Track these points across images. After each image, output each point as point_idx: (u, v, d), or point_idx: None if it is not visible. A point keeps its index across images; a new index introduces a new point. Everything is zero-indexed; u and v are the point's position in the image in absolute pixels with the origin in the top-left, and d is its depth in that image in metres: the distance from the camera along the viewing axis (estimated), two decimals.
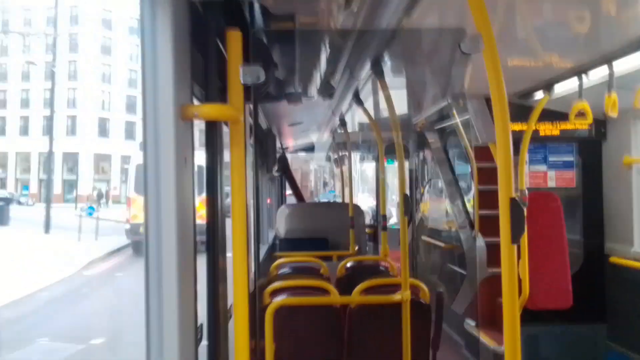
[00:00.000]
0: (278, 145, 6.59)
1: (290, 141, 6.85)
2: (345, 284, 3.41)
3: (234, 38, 1.30)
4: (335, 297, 2.88)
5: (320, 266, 3.97)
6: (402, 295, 2.81)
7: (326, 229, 5.09)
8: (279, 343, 2.49)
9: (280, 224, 5.16)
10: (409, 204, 2.76)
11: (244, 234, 1.30)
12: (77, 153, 43.52)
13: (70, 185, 43.50)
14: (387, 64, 2.85)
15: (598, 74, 2.88)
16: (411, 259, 6.46)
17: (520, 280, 3.51)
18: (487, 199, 4.40)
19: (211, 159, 1.38)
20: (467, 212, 4.78)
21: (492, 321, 4.12)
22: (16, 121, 45.70)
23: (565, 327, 4.28)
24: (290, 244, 4.84)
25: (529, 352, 4.19)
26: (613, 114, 2.50)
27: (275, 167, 5.86)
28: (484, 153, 4.19)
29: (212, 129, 1.37)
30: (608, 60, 2.70)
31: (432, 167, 5.88)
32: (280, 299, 2.66)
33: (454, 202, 5.03)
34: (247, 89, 1.35)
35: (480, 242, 4.40)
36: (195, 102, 1.33)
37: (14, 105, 45.53)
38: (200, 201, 1.27)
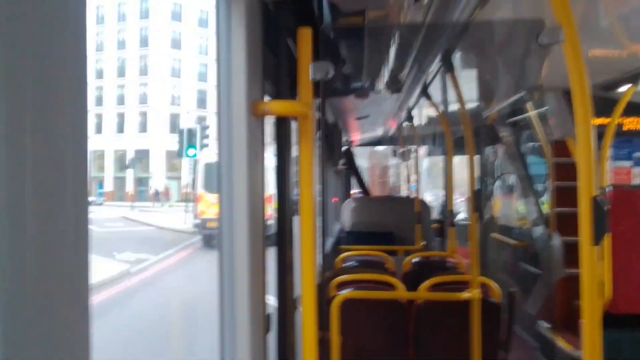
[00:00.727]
0: (344, 139, 6.60)
1: (356, 135, 6.83)
2: (412, 280, 3.38)
3: (304, 36, 1.32)
4: (401, 292, 2.86)
5: (386, 260, 3.94)
6: (472, 293, 2.74)
7: (392, 223, 5.04)
8: (344, 335, 2.52)
9: (346, 217, 5.17)
10: (479, 200, 2.69)
11: (312, 228, 1.33)
12: (148, 150, 42.79)
13: (144, 184, 42.47)
14: (458, 58, 2.78)
15: None
16: (481, 257, 6.27)
17: (602, 283, 3.33)
18: (564, 196, 4.18)
19: (281, 155, 1.42)
20: (540, 209, 4.57)
21: (569, 324, 3.92)
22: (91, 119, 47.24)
23: None
24: (356, 237, 4.84)
25: (610, 359, 3.94)
26: None
27: (341, 161, 5.87)
28: (561, 148, 3.99)
29: (282, 125, 1.41)
30: None
31: (504, 162, 5.67)
32: (346, 292, 2.69)
33: (526, 199, 4.83)
34: (315, 84, 1.37)
35: (556, 240, 4.20)
36: (266, 99, 1.37)
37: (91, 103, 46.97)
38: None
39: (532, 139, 4.83)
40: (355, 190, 7.48)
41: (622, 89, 3.26)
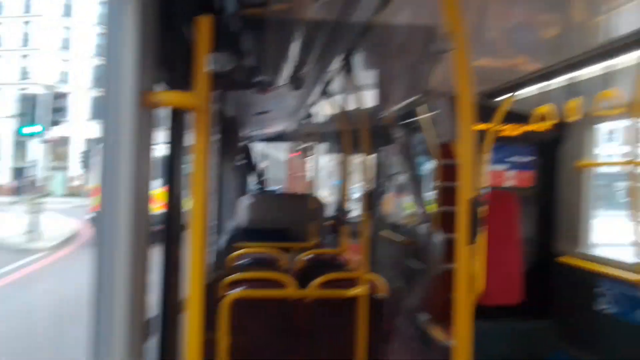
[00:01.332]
0: (244, 134, 6.49)
1: (256, 130, 6.76)
2: (304, 277, 3.40)
3: (203, 25, 1.25)
4: (292, 290, 2.86)
5: (280, 258, 3.94)
6: (359, 290, 2.82)
7: (288, 220, 5.05)
8: (235, 337, 2.46)
9: (242, 213, 5.08)
10: (371, 198, 2.77)
11: (202, 225, 1.26)
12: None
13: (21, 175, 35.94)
14: (359, 58, 2.83)
15: (562, 79, 2.96)
16: (371, 253, 6.53)
17: (474, 277, 3.61)
18: (449, 195, 4.48)
19: (173, 148, 1.33)
20: (426, 207, 4.86)
21: (445, 316, 4.22)
22: None
23: (514, 323, 4.43)
24: (252, 234, 4.78)
25: (479, 347, 4.31)
26: (573, 118, 2.57)
27: (240, 156, 5.76)
28: (447, 151, 4.26)
29: (177, 118, 1.32)
30: (572, 66, 2.77)
31: (397, 162, 5.94)
32: (235, 292, 2.62)
33: (414, 198, 5.10)
34: (214, 76, 1.30)
35: (438, 237, 4.48)
36: (162, 89, 1.28)
37: None
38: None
39: (423, 141, 5.11)
40: (277, 187, 7.40)
41: (502, 97, 3.56)
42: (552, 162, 4.49)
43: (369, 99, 4.61)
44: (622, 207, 3.66)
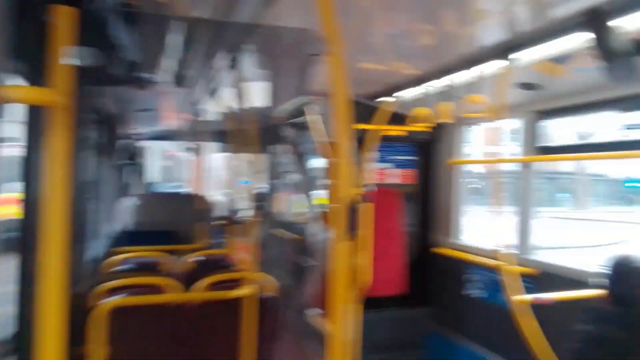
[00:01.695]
0: (127, 132, 6.11)
1: (142, 128, 6.39)
2: (190, 280, 3.29)
3: (63, 14, 1.14)
4: (175, 295, 2.75)
5: (164, 262, 3.77)
6: (247, 290, 2.80)
7: (174, 222, 4.85)
8: (114, 348, 2.30)
9: (123, 216, 4.78)
10: (261, 197, 2.75)
11: (61, 229, 1.15)
12: None
13: None
14: (246, 57, 2.80)
15: (438, 83, 3.18)
16: (263, 252, 6.51)
17: (361, 270, 3.77)
18: (336, 193, 4.60)
19: (31, 148, 1.20)
20: (316, 205, 4.96)
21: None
22: None
23: (398, 312, 4.70)
24: (134, 237, 4.51)
25: (367, 335, 4.51)
26: (446, 120, 2.77)
27: (125, 155, 5.41)
28: (335, 149, 4.37)
29: (35, 115, 1.19)
30: (445, 72, 2.98)
31: (288, 160, 5.98)
32: (110, 300, 2.45)
33: (305, 195, 5.19)
34: (83, 71, 1.19)
35: (327, 234, 4.60)
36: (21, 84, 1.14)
37: None
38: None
39: (313, 140, 5.20)
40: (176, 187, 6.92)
41: (384, 99, 3.74)
42: (429, 161, 4.82)
43: (259, 97, 4.58)
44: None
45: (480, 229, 4.61)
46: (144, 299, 2.65)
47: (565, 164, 24.74)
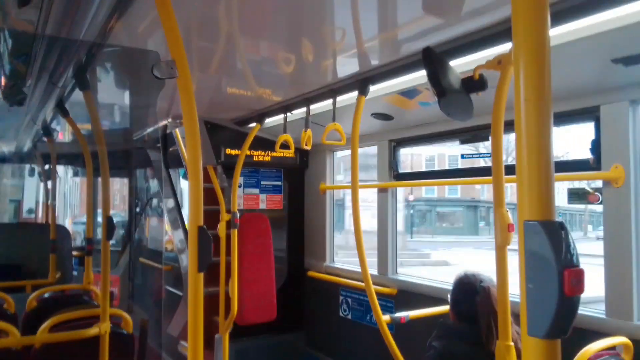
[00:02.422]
0: None
1: None
2: (37, 320, 2.95)
3: None
4: (12, 339, 2.44)
5: (4, 300, 3.34)
6: (100, 328, 2.58)
7: (20, 255, 4.34)
8: None
9: None
10: (112, 226, 2.57)
11: None
12: None
13: None
14: (96, 75, 2.63)
15: (301, 111, 3.28)
16: (129, 283, 6.08)
17: (231, 299, 3.69)
18: (210, 219, 4.48)
19: None
20: (186, 231, 4.78)
21: (208, 340, 4.18)
22: None
23: (270, 338, 4.66)
24: None
25: None
26: (308, 147, 2.85)
27: None
28: (206, 174, 4.27)
29: None
30: (307, 100, 3.08)
31: (155, 185, 5.71)
32: None
33: (173, 222, 4.97)
34: None
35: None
36: None
37: None
38: None
39: (181, 164, 5.03)
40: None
41: (252, 125, 3.76)
42: (299, 185, 4.92)
43: (118, 119, 4.32)
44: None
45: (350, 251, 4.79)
46: None
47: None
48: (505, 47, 1.91)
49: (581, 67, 2.28)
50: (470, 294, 2.22)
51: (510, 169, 1.73)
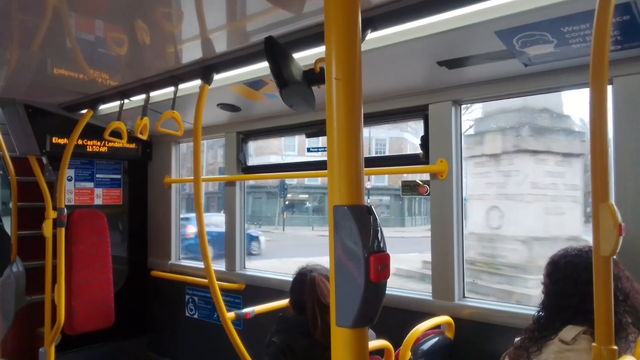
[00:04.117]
0: None
1: None
2: None
3: None
4: None
5: None
6: None
7: None
8: None
9: None
10: None
11: None
12: None
13: None
14: None
15: (139, 97, 3.03)
16: None
17: (56, 307, 3.28)
18: (28, 216, 3.94)
19: None
20: (5, 233, 4.14)
21: (33, 354, 3.68)
22: None
23: (108, 346, 4.28)
24: None
25: None
26: (143, 136, 2.64)
27: None
28: (24, 166, 3.74)
29: None
30: (146, 86, 2.85)
31: None
32: None
33: None
34: None
35: (19, 267, 3.88)
36: None
37: None
38: None
39: None
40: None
41: (83, 111, 3.38)
42: (141, 179, 4.59)
43: None
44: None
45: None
46: None
47: None
48: None
49: (411, 68, 2.45)
50: (300, 284, 2.26)
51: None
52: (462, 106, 2.69)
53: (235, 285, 3.72)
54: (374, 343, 1.99)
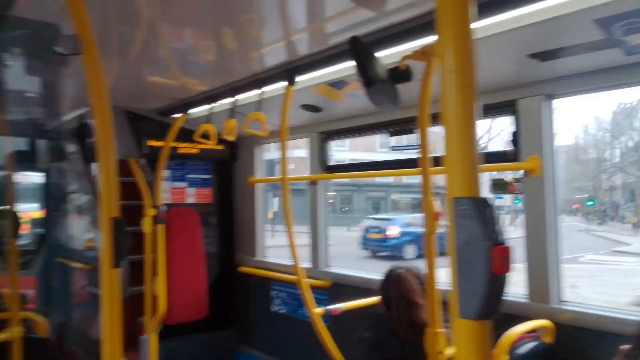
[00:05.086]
0: None
1: None
2: None
3: None
4: None
5: None
6: (11, 333, 2.39)
7: None
8: None
9: None
10: (17, 222, 2.37)
11: None
12: None
13: None
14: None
15: (227, 101, 3.17)
16: (46, 285, 5.68)
17: (159, 297, 3.53)
18: (131, 214, 4.26)
19: None
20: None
21: (134, 341, 3.99)
22: None
23: (201, 336, 4.52)
24: None
25: None
26: (231, 138, 2.76)
27: None
28: (125, 167, 4.05)
29: None
30: (233, 90, 2.98)
31: (73, 179, 5.35)
32: None
33: (94, 219, 4.68)
34: None
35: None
36: None
37: None
38: None
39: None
40: None
41: (177, 115, 3.60)
42: (228, 178, 4.79)
43: (28, 107, 3.99)
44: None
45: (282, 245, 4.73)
46: None
47: None
48: (431, 39, 1.93)
49: (499, 62, 2.35)
50: (387, 280, 2.27)
51: (436, 160, 1.75)
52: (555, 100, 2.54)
53: (321, 282, 3.78)
54: None
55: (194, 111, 3.57)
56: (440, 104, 0.87)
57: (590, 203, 31.99)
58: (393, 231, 15.83)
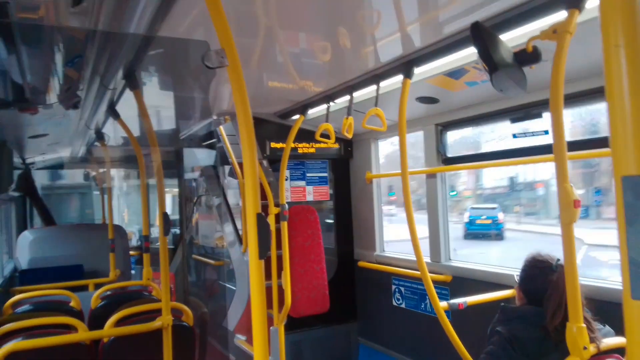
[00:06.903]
0: (19, 160, 5.65)
1: (36, 156, 5.93)
2: (102, 316, 3.09)
3: None
4: (82, 334, 2.55)
5: (71, 299, 3.50)
6: (163, 321, 2.67)
7: (82, 255, 4.54)
8: None
9: (23, 252, 4.40)
10: (168, 223, 2.63)
11: None
12: None
13: None
14: (144, 74, 2.69)
15: (343, 99, 3.25)
16: (183, 280, 6.26)
17: (284, 291, 3.72)
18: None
19: None
20: (236, 227, 4.85)
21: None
22: None
23: (323, 329, 4.67)
24: (36, 275, 4.16)
25: (294, 356, 4.46)
26: (349, 135, 2.81)
27: (13, 186, 4.99)
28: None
29: None
30: (350, 88, 3.04)
31: (203, 183, 5.83)
32: (8, 345, 2.23)
33: (223, 218, 5.06)
34: None
35: (248, 256, 4.50)
36: None
37: None
38: None
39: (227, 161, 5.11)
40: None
41: (295, 117, 3.76)
42: (344, 175, 4.89)
43: (167, 118, 4.42)
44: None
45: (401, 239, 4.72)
46: (43, 341, 2.43)
47: None
48: (559, 16, 1.81)
49: None
50: (545, 271, 2.12)
51: (570, 145, 1.64)
52: None
53: (442, 276, 3.72)
54: (614, 340, 1.80)
55: (310, 112, 3.71)
56: (605, 80, 0.82)
57: None
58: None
